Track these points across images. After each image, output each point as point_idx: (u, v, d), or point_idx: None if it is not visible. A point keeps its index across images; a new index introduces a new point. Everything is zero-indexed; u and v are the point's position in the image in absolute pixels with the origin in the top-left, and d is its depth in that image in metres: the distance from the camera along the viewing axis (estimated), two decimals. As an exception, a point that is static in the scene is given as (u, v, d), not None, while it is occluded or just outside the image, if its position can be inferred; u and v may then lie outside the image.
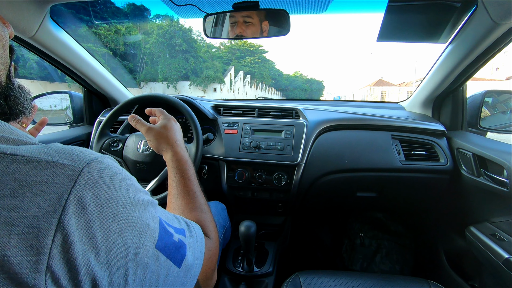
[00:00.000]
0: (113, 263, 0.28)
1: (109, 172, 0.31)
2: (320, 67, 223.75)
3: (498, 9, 0.70)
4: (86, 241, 0.26)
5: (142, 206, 0.33)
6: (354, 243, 1.46)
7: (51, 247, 0.24)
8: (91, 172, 0.29)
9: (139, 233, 0.31)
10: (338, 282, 0.72)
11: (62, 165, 0.28)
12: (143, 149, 0.91)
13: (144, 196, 0.35)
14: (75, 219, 0.26)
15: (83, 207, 0.27)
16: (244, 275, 0.93)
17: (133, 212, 0.31)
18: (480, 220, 0.92)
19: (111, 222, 0.29)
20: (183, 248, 0.37)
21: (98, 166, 0.30)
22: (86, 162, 0.29)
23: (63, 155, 0.29)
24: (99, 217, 0.28)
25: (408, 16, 0.89)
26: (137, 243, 0.31)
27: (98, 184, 0.29)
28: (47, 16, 0.90)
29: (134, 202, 0.32)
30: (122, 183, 0.32)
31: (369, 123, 1.09)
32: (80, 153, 0.30)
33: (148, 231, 0.33)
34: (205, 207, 0.55)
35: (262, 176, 1.04)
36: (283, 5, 0.90)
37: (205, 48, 52.38)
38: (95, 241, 0.27)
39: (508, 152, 0.79)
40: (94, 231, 0.27)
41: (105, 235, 0.28)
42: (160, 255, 0.33)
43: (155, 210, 0.36)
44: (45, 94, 1.24)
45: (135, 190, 0.33)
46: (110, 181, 0.30)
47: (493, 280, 0.89)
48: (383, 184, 1.08)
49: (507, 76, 22.70)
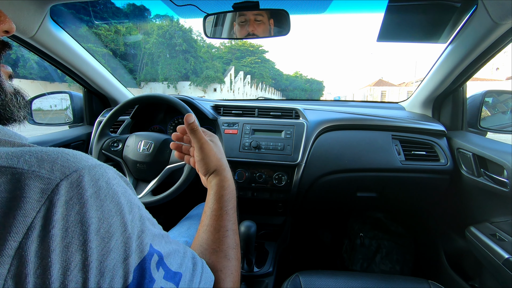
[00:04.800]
0: None
1: (91, 188, 0.25)
2: (320, 67, 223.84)
3: (498, 9, 0.70)
4: (40, 274, 0.21)
5: (124, 235, 0.26)
6: (354, 243, 1.46)
7: (6, 278, 0.20)
8: (69, 187, 0.24)
9: (108, 270, 0.24)
10: (338, 282, 0.72)
11: (38, 177, 0.23)
12: (143, 149, 0.91)
13: (137, 221, 0.28)
14: (36, 244, 0.21)
15: (46, 229, 0.22)
16: (244, 275, 0.92)
17: (108, 242, 0.25)
18: (480, 220, 0.92)
19: (73, 252, 0.23)
20: None
21: (79, 180, 0.24)
22: (67, 174, 0.24)
23: (43, 163, 0.24)
24: (61, 244, 0.22)
25: (408, 16, 0.89)
26: (100, 284, 0.24)
27: (72, 202, 0.23)
28: (47, 16, 0.90)
29: (112, 228, 0.25)
30: (105, 202, 0.26)
31: (369, 123, 1.09)
32: (66, 161, 0.25)
33: (121, 269, 0.25)
34: (232, 253, 0.43)
35: (262, 176, 1.04)
36: (283, 5, 0.90)
37: (205, 48, 52.41)
38: (49, 276, 0.21)
39: (508, 152, 0.79)
40: (51, 262, 0.21)
41: (63, 268, 0.22)
42: None
43: (147, 239, 0.29)
44: (45, 94, 1.24)
45: (121, 213, 0.27)
46: (88, 198, 0.24)
47: (493, 280, 0.89)
48: (383, 184, 1.08)
49: (507, 76, 22.70)
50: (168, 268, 0.30)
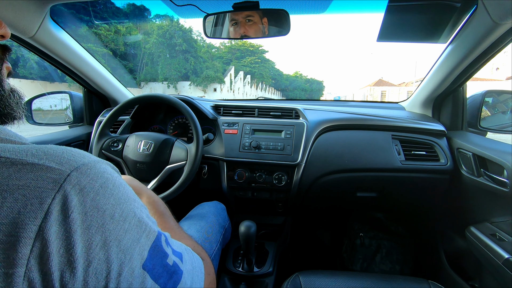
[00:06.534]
0: (91, 281, 0.25)
1: (99, 179, 0.28)
2: (320, 67, 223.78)
3: (498, 9, 0.70)
4: (63, 253, 0.24)
5: (135, 218, 0.30)
6: (354, 243, 1.46)
7: (29, 258, 0.23)
8: (79, 177, 0.26)
9: (127, 248, 0.28)
10: (338, 282, 0.72)
11: (48, 168, 0.25)
12: (143, 149, 0.91)
13: (139, 208, 0.32)
14: (56, 227, 0.24)
15: (65, 214, 0.25)
16: (244, 275, 0.93)
17: (122, 224, 0.28)
18: (480, 220, 0.92)
19: (94, 233, 0.26)
20: (177, 275, 0.33)
21: (87, 172, 0.27)
22: (75, 166, 0.27)
23: (51, 157, 0.27)
24: (81, 226, 0.25)
25: (408, 16, 0.89)
26: (122, 260, 0.27)
27: (86, 190, 0.26)
28: (47, 16, 0.90)
29: (124, 213, 0.29)
30: (113, 191, 0.29)
31: (369, 123, 1.09)
32: (71, 156, 0.28)
33: (137, 246, 0.29)
34: (185, 235, 0.52)
35: (262, 176, 1.04)
36: (283, 5, 0.90)
37: (205, 48, 52.38)
38: (73, 254, 0.24)
39: (508, 152, 0.79)
40: (74, 242, 0.25)
41: (86, 247, 0.25)
42: (147, 278, 0.29)
43: (153, 222, 0.33)
44: (45, 94, 1.24)
45: (128, 201, 0.30)
46: (99, 188, 0.28)
47: (493, 280, 0.89)
48: (383, 184, 1.08)
49: (507, 76, 22.70)
50: (172, 247, 0.35)
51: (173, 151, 0.93)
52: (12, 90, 0.38)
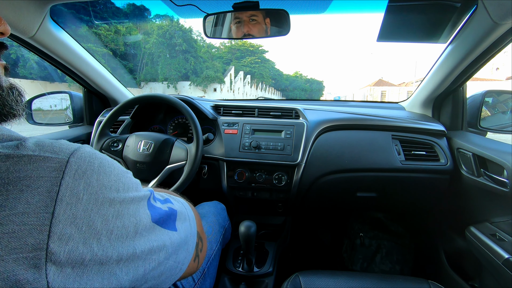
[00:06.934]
0: (116, 244, 0.29)
1: (95, 160, 0.30)
2: (320, 67, 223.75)
3: (498, 9, 0.70)
4: (86, 229, 0.26)
5: (134, 186, 0.34)
6: (354, 243, 1.46)
7: (48, 242, 0.24)
8: (78, 162, 0.28)
9: (135, 212, 0.32)
10: (338, 282, 0.72)
11: (46, 158, 0.27)
12: (143, 149, 0.91)
13: (132, 177, 0.36)
14: (72, 210, 0.26)
15: (77, 197, 0.27)
16: (244, 275, 0.93)
17: (127, 194, 0.32)
18: (480, 220, 0.92)
19: (108, 207, 0.29)
20: (173, 215, 0.39)
21: (83, 155, 0.29)
22: (70, 153, 0.28)
23: (43, 148, 0.28)
24: (96, 204, 0.28)
25: (408, 16, 0.89)
26: (134, 222, 0.31)
27: (88, 172, 0.28)
28: (47, 16, 0.90)
29: (126, 184, 0.32)
30: (111, 168, 0.32)
31: (369, 123, 1.09)
32: (61, 145, 0.29)
33: (143, 208, 0.33)
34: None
35: (262, 176, 1.04)
36: (283, 5, 0.90)
37: (205, 48, 52.37)
38: (95, 228, 0.27)
39: (508, 152, 0.79)
40: (93, 219, 0.27)
41: (104, 220, 0.28)
42: (157, 228, 0.34)
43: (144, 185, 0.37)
44: (45, 94, 1.24)
45: (123, 173, 0.33)
46: (99, 168, 0.30)
47: (493, 280, 0.89)
48: (383, 184, 1.08)
49: (507, 76, 22.70)
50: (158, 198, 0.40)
51: (173, 151, 0.93)
52: (12, 86, 0.38)
